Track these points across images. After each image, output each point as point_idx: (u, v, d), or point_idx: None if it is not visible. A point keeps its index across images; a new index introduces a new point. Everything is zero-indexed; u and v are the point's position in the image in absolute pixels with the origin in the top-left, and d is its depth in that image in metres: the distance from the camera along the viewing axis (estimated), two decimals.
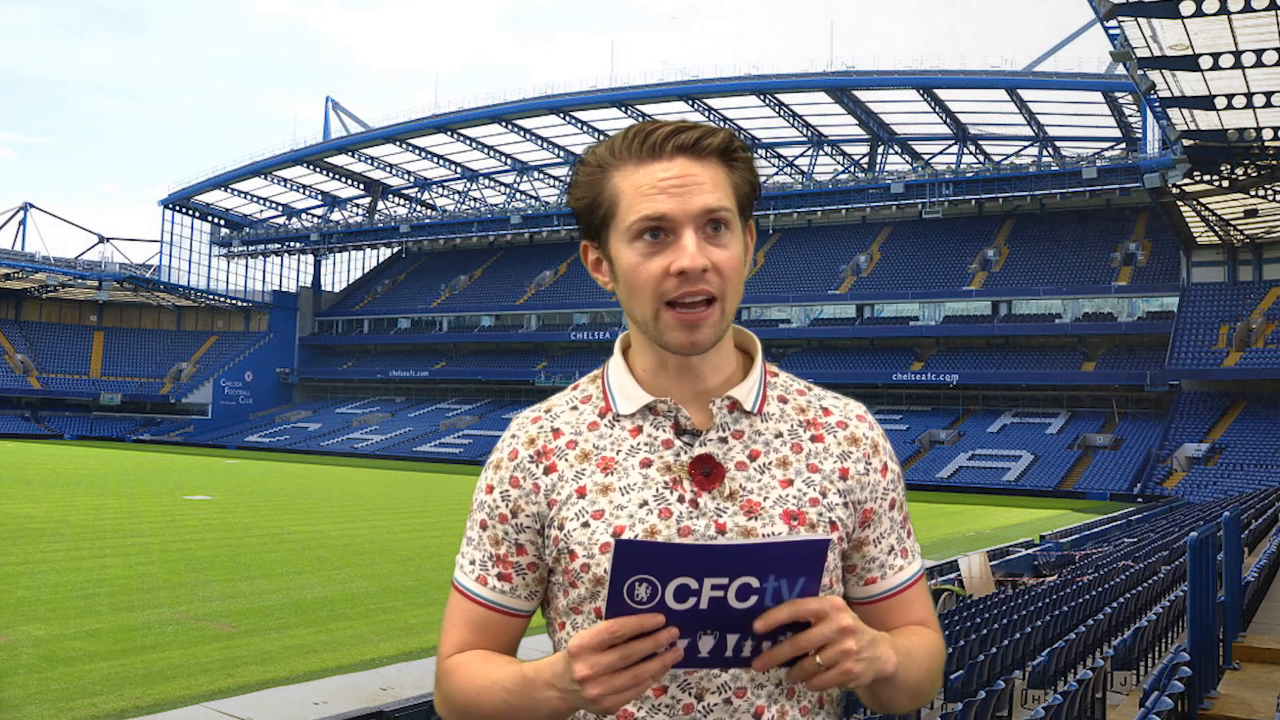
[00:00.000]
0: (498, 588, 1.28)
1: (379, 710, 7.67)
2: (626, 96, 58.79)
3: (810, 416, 1.28)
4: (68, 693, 9.31)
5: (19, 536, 19.02)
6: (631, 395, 1.26)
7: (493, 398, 68.96)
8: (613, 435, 1.25)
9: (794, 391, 1.31)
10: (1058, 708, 5.03)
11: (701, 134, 1.21)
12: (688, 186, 1.19)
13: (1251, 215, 42.52)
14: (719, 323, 1.21)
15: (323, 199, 77.87)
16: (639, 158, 1.21)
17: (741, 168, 1.24)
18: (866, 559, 1.29)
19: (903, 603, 1.31)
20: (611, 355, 1.32)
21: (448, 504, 30.99)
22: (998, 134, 57.80)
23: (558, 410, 1.30)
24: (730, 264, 1.20)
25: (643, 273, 1.20)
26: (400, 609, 13.88)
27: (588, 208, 1.25)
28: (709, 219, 1.19)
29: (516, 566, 1.28)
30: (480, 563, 1.29)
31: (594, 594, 1.21)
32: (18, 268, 69.32)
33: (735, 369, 1.29)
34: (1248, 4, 22.33)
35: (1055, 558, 19.49)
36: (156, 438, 68.84)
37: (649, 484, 1.21)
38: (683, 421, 1.24)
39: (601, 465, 1.24)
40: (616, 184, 1.22)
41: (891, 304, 58.44)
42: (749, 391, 1.26)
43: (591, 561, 1.20)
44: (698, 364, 1.26)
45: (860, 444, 1.28)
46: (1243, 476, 37.89)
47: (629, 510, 1.20)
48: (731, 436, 1.24)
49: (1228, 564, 6.62)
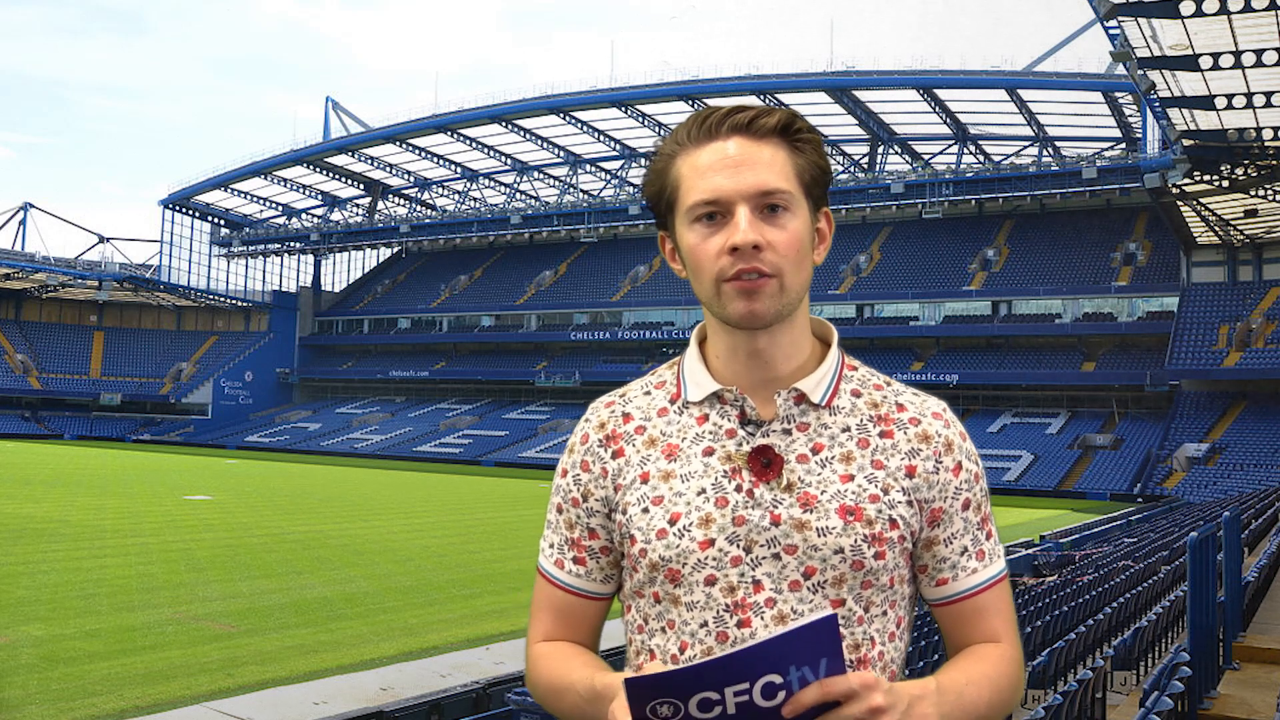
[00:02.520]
0: (574, 571, 1.31)
1: (379, 710, 7.67)
2: (626, 96, 58.79)
3: (883, 412, 1.26)
4: (68, 693, 9.30)
5: (19, 536, 19.01)
6: (701, 383, 1.27)
7: (493, 398, 68.95)
8: (680, 422, 1.27)
9: (870, 386, 1.29)
10: (1058, 708, 5.03)
11: (757, 114, 1.22)
12: (742, 165, 1.20)
13: (1251, 215, 42.51)
14: (778, 295, 1.20)
15: (323, 199, 77.86)
16: (697, 141, 1.23)
17: (808, 150, 1.25)
18: (938, 559, 1.27)
19: (977, 608, 1.27)
20: (689, 344, 1.33)
21: (448, 504, 30.99)
22: (998, 134, 57.80)
23: (631, 395, 1.32)
24: (787, 243, 1.20)
25: (701, 252, 1.21)
26: (400, 609, 13.87)
27: (656, 196, 1.27)
28: (765, 199, 1.19)
29: (590, 550, 1.30)
30: (558, 546, 1.32)
31: (651, 579, 1.23)
32: (18, 268, 69.30)
33: (809, 358, 1.28)
34: (1248, 4, 22.32)
35: (1055, 558, 19.48)
36: (156, 438, 68.83)
37: (709, 472, 1.22)
38: (748, 411, 1.24)
39: (666, 452, 1.25)
40: (679, 169, 1.24)
41: (891, 304, 58.45)
42: (818, 383, 1.25)
43: (648, 547, 1.22)
44: (767, 347, 1.25)
45: (932, 441, 1.25)
46: (1243, 476, 37.87)
47: (687, 497, 1.21)
48: (796, 429, 1.24)
49: (1228, 564, 6.62)
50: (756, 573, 1.18)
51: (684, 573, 1.20)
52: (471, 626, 12.85)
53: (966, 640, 1.28)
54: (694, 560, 1.20)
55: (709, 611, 1.19)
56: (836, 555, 1.18)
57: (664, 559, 1.21)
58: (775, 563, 1.18)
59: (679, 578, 1.21)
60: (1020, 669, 1.27)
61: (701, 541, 1.19)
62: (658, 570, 1.21)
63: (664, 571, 1.21)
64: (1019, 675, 1.27)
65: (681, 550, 1.20)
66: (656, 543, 1.21)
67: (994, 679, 1.23)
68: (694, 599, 1.20)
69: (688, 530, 1.20)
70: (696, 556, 1.20)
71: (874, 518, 1.20)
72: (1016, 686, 1.26)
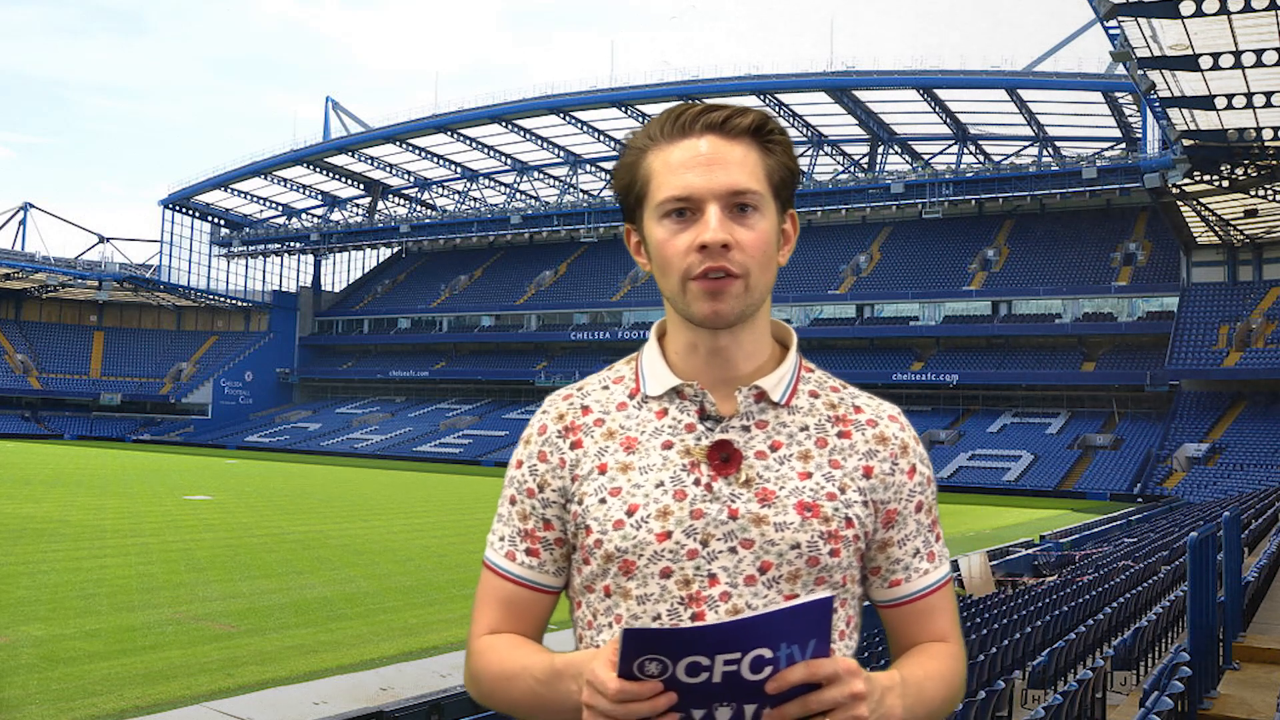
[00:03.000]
0: (526, 563, 1.29)
1: (379, 710, 7.67)
2: (626, 96, 58.79)
3: (840, 413, 1.27)
4: (68, 693, 9.30)
5: (19, 536, 19.01)
6: (661, 377, 1.27)
7: (493, 398, 68.95)
8: (639, 416, 1.26)
9: (827, 388, 1.30)
10: (1058, 708, 5.03)
11: (731, 113, 1.22)
12: (714, 164, 1.20)
13: (1251, 215, 42.52)
14: (743, 296, 1.21)
15: (323, 199, 77.87)
16: (670, 137, 1.23)
17: (778, 151, 1.24)
18: (891, 560, 1.28)
19: (926, 609, 1.30)
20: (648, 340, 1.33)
21: (448, 504, 31.00)
22: (998, 134, 57.81)
23: (589, 389, 1.31)
24: (755, 244, 1.20)
25: (669, 249, 1.21)
26: (400, 609, 13.87)
27: (625, 189, 1.27)
28: (735, 199, 1.20)
29: (544, 541, 1.29)
30: (509, 538, 1.31)
31: (604, 571, 1.22)
32: (18, 268, 69.31)
33: (769, 359, 1.29)
34: (1248, 4, 22.33)
35: (1055, 558, 19.50)
36: (156, 438, 68.83)
37: (668, 465, 1.22)
38: (708, 407, 1.24)
39: (625, 444, 1.25)
40: (650, 163, 1.24)
41: (891, 304, 58.44)
42: (778, 382, 1.26)
43: (604, 537, 1.21)
44: (729, 346, 1.25)
45: (889, 444, 1.27)
46: (1243, 476, 37.88)
47: (645, 489, 1.21)
48: (755, 426, 1.24)
49: (1228, 564, 6.62)
50: (713, 566, 1.19)
51: (639, 565, 1.20)
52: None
53: (915, 639, 1.30)
54: (650, 552, 1.19)
55: (663, 604, 1.19)
56: (793, 550, 1.19)
57: (620, 550, 1.20)
58: (732, 556, 1.19)
59: (634, 569, 1.20)
60: (965, 667, 1.31)
61: (659, 534, 1.19)
62: (612, 561, 1.21)
63: (618, 563, 1.21)
64: (964, 673, 1.31)
65: (638, 542, 1.20)
66: (613, 533, 1.20)
67: (947, 676, 1.26)
68: (648, 591, 1.20)
69: (645, 522, 1.20)
70: (653, 548, 1.19)
71: (830, 515, 1.21)
72: (963, 683, 1.30)
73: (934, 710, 1.22)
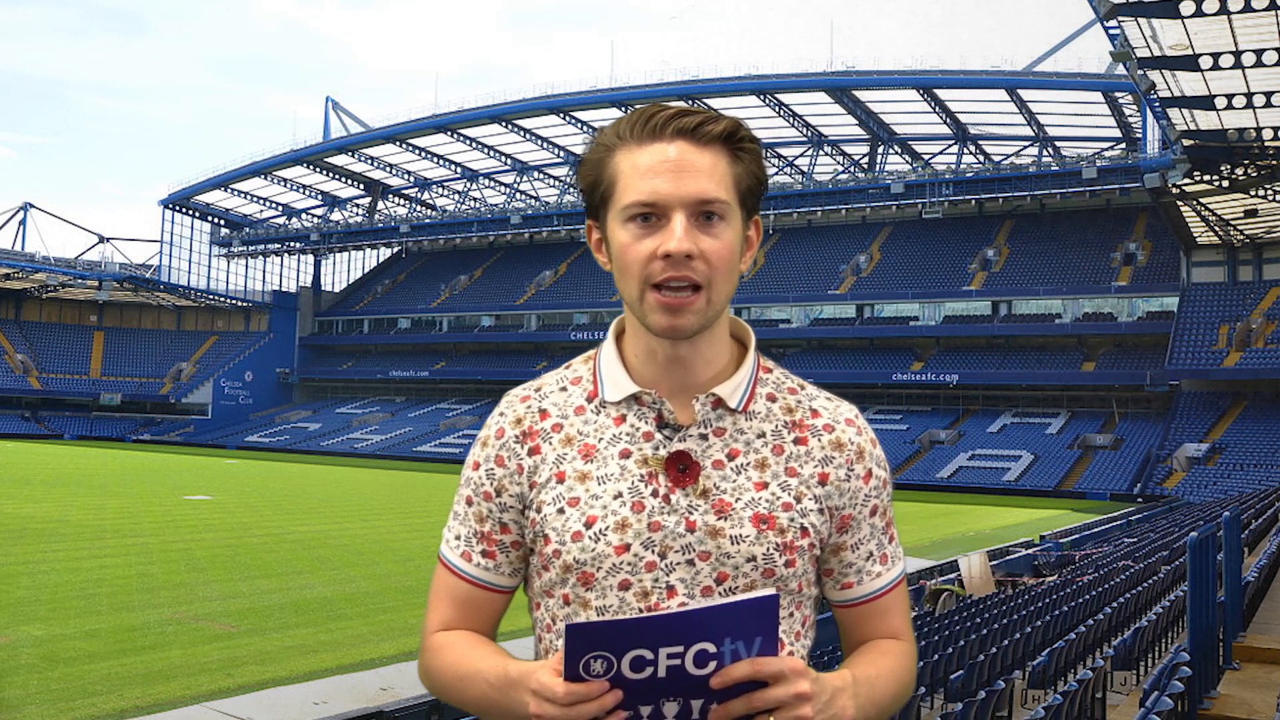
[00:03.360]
0: (481, 564, 1.29)
1: (379, 710, 7.68)
2: (626, 96, 58.77)
3: (797, 418, 1.27)
4: (68, 693, 9.30)
5: (19, 536, 19.02)
6: (619, 383, 1.26)
7: (493, 398, 68.88)
8: (597, 422, 1.25)
9: (785, 390, 1.29)
10: (1058, 708, 5.03)
11: (703, 119, 1.20)
12: (684, 171, 1.18)
13: (1251, 215, 42.51)
14: (704, 310, 1.19)
15: (323, 199, 77.87)
16: (640, 139, 1.21)
17: (747, 159, 1.23)
18: (844, 564, 1.29)
19: (879, 609, 1.30)
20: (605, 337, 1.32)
21: (447, 504, 30.45)
22: (998, 134, 57.80)
23: (547, 390, 1.30)
24: (719, 254, 1.19)
25: (632, 253, 1.20)
26: (400, 609, 13.88)
27: (591, 186, 1.26)
28: (702, 207, 1.18)
29: (500, 544, 1.28)
30: (465, 539, 1.30)
31: (563, 580, 1.22)
32: (18, 268, 69.30)
33: (728, 362, 1.28)
34: (1248, 4, 22.33)
35: (1055, 558, 19.49)
36: (156, 438, 68.83)
37: (625, 475, 1.21)
38: (666, 415, 1.23)
39: (583, 452, 1.24)
40: (618, 163, 1.22)
41: (891, 304, 58.43)
42: (735, 389, 1.25)
43: (563, 548, 1.21)
44: (688, 355, 1.24)
45: (844, 449, 1.26)
46: (1243, 476, 37.88)
47: (603, 501, 1.21)
48: (713, 434, 1.23)
49: (1228, 564, 6.62)
50: (670, 578, 1.19)
51: (598, 576, 1.20)
52: None
53: (867, 637, 1.31)
54: (609, 565, 1.19)
55: (622, 615, 1.19)
56: (749, 563, 1.19)
57: (578, 561, 1.20)
58: (689, 569, 1.19)
59: (592, 581, 1.20)
60: (915, 663, 1.32)
61: (617, 546, 1.19)
62: (570, 572, 1.21)
63: (577, 574, 1.21)
64: (915, 669, 1.32)
65: (597, 554, 1.19)
66: (571, 545, 1.20)
67: (898, 673, 1.27)
68: (606, 603, 1.20)
69: (604, 534, 1.19)
70: (612, 561, 1.19)
71: (786, 526, 1.21)
72: (914, 679, 1.31)
73: (884, 708, 1.23)
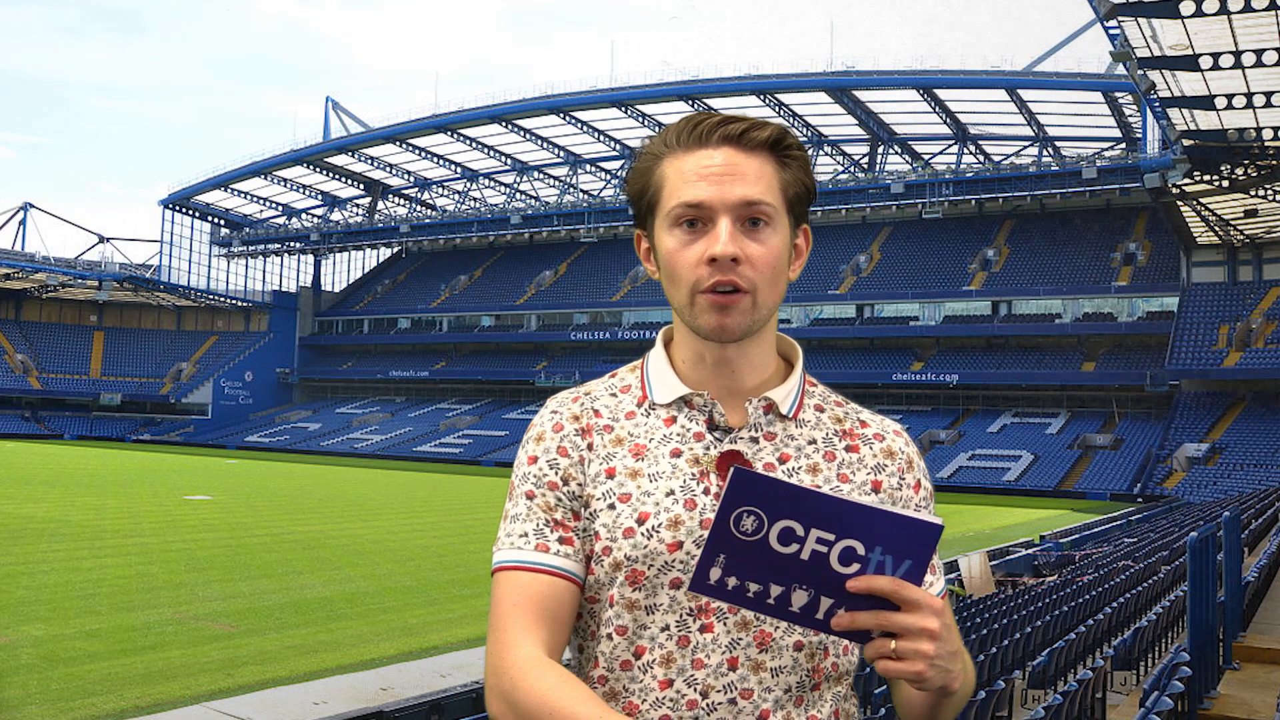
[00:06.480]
0: (562, 551, 1.20)
1: (379, 710, 7.67)
2: (626, 96, 58.78)
3: (847, 427, 1.28)
4: (68, 693, 9.30)
5: (19, 536, 19.01)
6: (669, 385, 1.27)
7: (493, 398, 68.94)
8: (647, 424, 1.26)
9: (832, 402, 1.31)
10: (1058, 708, 5.03)
11: (749, 125, 1.21)
12: (729, 176, 1.19)
13: (1251, 215, 42.52)
14: (750, 311, 1.20)
15: (323, 199, 77.87)
16: (686, 145, 1.22)
17: (794, 166, 1.23)
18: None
19: None
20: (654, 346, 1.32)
21: (448, 504, 30.99)
22: (998, 134, 57.80)
23: (597, 394, 1.30)
24: (765, 259, 1.20)
25: (679, 259, 1.21)
26: (400, 609, 13.87)
27: (638, 194, 1.26)
28: (747, 210, 1.19)
29: (576, 530, 1.23)
30: (536, 531, 1.21)
31: (611, 580, 1.20)
32: (18, 268, 69.30)
33: (774, 373, 1.29)
34: (1248, 4, 22.33)
35: (1055, 558, 19.49)
36: (156, 438, 68.83)
37: (677, 474, 1.21)
38: (716, 417, 1.24)
39: (633, 451, 1.24)
40: (664, 171, 1.23)
41: (891, 304, 58.44)
42: (786, 395, 1.26)
43: (613, 545, 1.19)
44: (736, 359, 1.25)
45: (896, 458, 1.28)
46: (1243, 476, 37.88)
47: (655, 497, 1.20)
48: (764, 438, 1.24)
49: (1228, 564, 6.62)
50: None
51: (649, 574, 1.18)
52: (471, 626, 12.84)
53: None
54: (661, 562, 1.18)
55: (672, 615, 1.18)
56: None
57: (629, 559, 1.18)
58: None
59: (641, 580, 1.18)
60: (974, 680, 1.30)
61: (670, 544, 1.18)
62: (620, 570, 1.19)
63: (626, 572, 1.19)
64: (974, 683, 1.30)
65: (649, 551, 1.18)
66: (623, 541, 1.19)
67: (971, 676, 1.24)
68: (657, 601, 1.18)
69: (656, 531, 1.18)
70: (664, 558, 1.18)
71: None
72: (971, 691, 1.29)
73: (960, 703, 1.21)
